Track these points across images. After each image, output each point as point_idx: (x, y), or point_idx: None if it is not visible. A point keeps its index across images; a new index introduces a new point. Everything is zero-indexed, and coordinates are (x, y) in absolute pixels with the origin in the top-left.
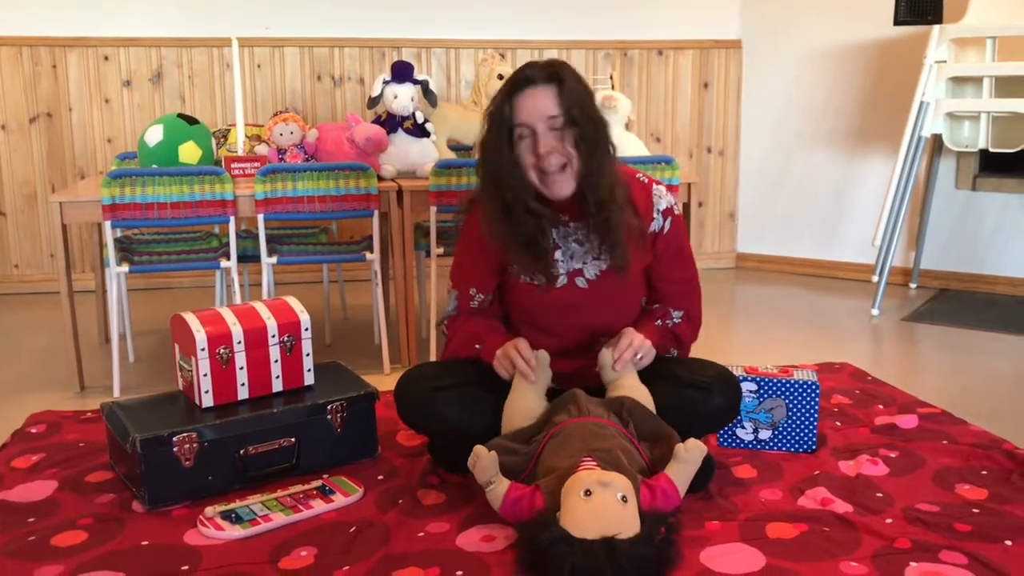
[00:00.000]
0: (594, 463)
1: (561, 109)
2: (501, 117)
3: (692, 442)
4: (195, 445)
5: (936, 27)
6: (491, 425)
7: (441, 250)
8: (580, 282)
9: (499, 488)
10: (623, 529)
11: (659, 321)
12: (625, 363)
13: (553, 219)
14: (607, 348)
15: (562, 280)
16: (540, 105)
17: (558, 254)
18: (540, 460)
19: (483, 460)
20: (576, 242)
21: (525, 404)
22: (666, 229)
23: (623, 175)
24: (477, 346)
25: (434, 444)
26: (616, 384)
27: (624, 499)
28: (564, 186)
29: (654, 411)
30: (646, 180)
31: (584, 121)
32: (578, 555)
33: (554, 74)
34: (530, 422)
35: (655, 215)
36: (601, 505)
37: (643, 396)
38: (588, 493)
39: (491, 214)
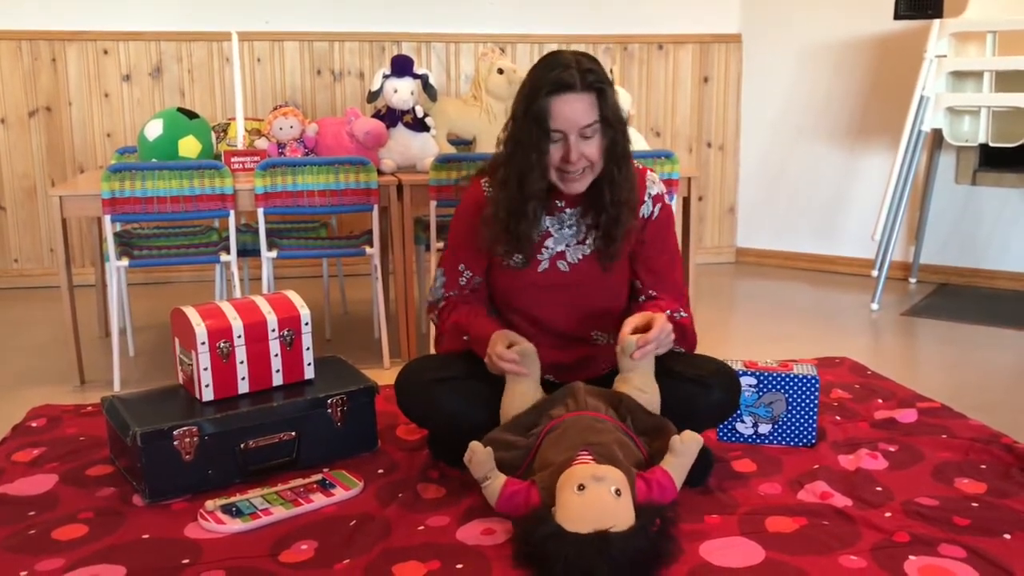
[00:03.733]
0: (590, 457)
1: (597, 117)
2: (536, 113)
3: (688, 434)
4: (195, 439)
5: (936, 21)
6: (491, 417)
7: (441, 244)
8: (561, 265)
9: (495, 483)
10: (617, 522)
11: (668, 311)
12: (647, 353)
13: (548, 206)
14: (629, 334)
15: (544, 265)
16: (578, 114)
17: (549, 241)
18: (537, 454)
19: (479, 455)
20: (569, 227)
21: (521, 398)
22: (655, 215)
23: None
24: (465, 337)
25: (434, 438)
26: (626, 378)
27: (618, 492)
28: (581, 185)
29: (659, 410)
30: (640, 167)
31: (616, 128)
32: (571, 549)
33: (595, 83)
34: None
35: (646, 199)
36: (595, 499)
37: (652, 394)
38: (581, 487)
39: (495, 188)
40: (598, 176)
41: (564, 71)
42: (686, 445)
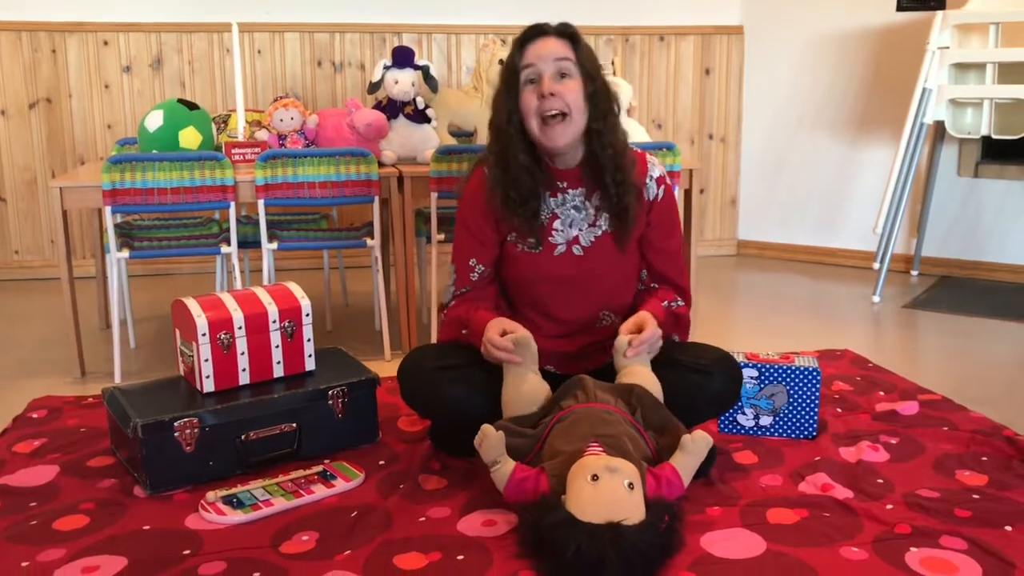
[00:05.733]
0: (600, 449)
1: (571, 56)
2: (510, 64)
3: (698, 433)
4: (196, 430)
5: (939, 13)
6: (493, 405)
7: (442, 236)
8: (576, 250)
9: (504, 468)
10: (629, 515)
11: (665, 303)
12: (638, 353)
13: (550, 185)
14: (623, 335)
15: (560, 249)
16: (549, 48)
17: (557, 223)
18: (546, 443)
19: (490, 439)
20: (574, 208)
21: (520, 385)
22: (659, 197)
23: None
24: (464, 331)
25: (435, 428)
26: (627, 371)
27: (631, 486)
28: (562, 136)
29: (662, 400)
30: (640, 152)
31: (594, 76)
32: (583, 538)
33: (567, 30)
34: (531, 405)
35: (648, 181)
36: (608, 490)
37: (653, 385)
38: (595, 478)
39: (492, 167)
40: (590, 144)
41: (534, 24)
42: (697, 443)
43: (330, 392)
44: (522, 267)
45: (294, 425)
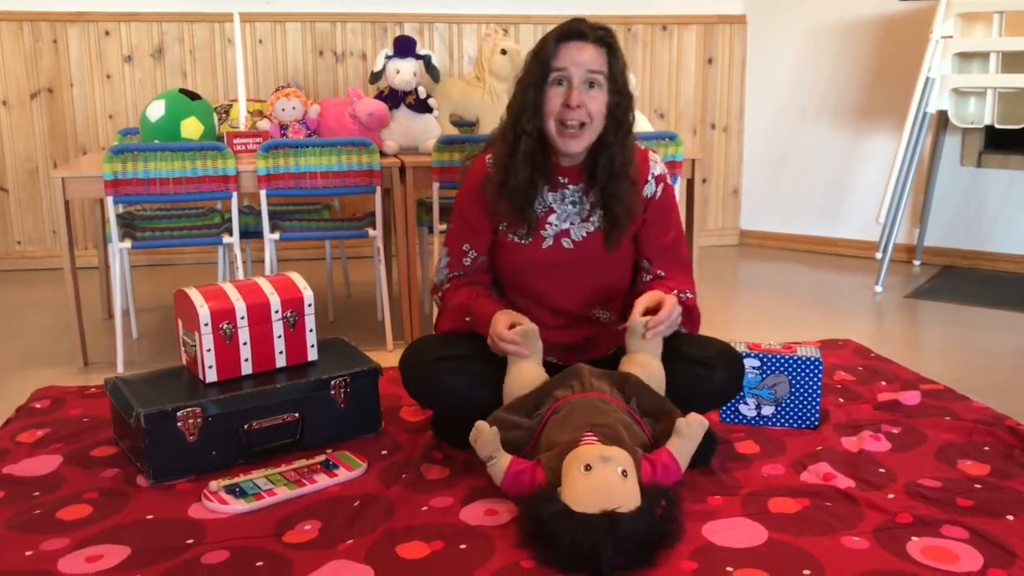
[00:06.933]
0: (595, 438)
1: (604, 69)
2: (541, 58)
3: (693, 416)
4: (199, 420)
5: (942, 2)
6: (494, 396)
7: (444, 226)
8: (566, 243)
9: (501, 463)
10: (623, 503)
11: (675, 292)
12: (657, 334)
13: (551, 180)
14: (639, 315)
15: (548, 242)
16: (585, 56)
17: (552, 217)
18: (542, 435)
19: (484, 435)
20: (572, 203)
21: (523, 378)
22: (658, 195)
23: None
24: (467, 318)
25: (437, 418)
26: (633, 359)
27: (624, 473)
28: (579, 144)
29: (664, 390)
30: (642, 148)
31: (621, 89)
32: (578, 529)
33: (606, 38)
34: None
35: (649, 178)
36: (601, 480)
37: (657, 374)
38: (588, 468)
39: (499, 153)
40: (595, 149)
41: (575, 23)
42: (692, 428)
43: (332, 382)
44: (512, 256)
45: (296, 415)
